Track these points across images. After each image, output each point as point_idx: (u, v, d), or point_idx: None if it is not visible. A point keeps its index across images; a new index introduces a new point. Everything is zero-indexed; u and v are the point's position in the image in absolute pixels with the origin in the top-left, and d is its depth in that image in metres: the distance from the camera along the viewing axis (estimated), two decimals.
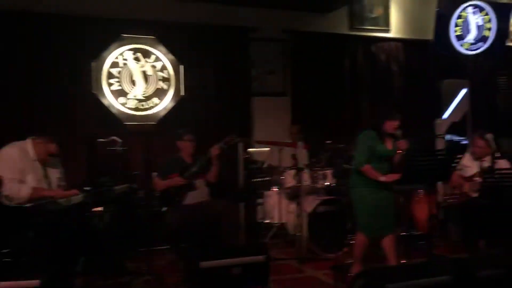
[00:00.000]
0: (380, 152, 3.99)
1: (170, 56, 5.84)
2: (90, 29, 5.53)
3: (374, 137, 4.00)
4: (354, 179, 4.15)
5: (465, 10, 7.04)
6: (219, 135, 5.86)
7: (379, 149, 3.98)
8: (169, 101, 5.86)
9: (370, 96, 6.74)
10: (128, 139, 5.43)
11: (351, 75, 6.68)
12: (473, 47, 7.16)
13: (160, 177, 4.79)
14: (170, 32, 5.88)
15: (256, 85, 6.35)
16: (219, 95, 6.07)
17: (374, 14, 6.89)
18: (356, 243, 4.18)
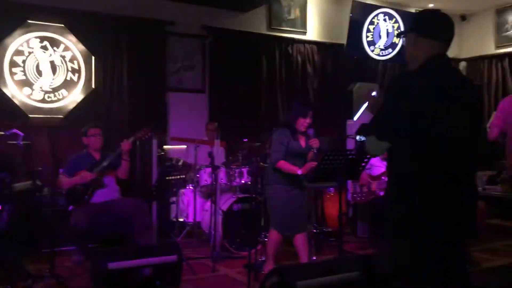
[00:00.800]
0: (294, 149, 4.05)
1: (80, 46, 5.53)
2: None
3: (288, 135, 4.05)
4: (269, 177, 4.19)
5: (377, 17, 7.40)
6: (132, 130, 5.68)
7: (292, 146, 4.05)
8: (79, 93, 5.55)
9: (286, 96, 6.85)
10: (33, 133, 5.09)
11: (268, 75, 6.74)
12: (383, 53, 7.54)
13: (66, 174, 4.52)
14: (81, 21, 5.58)
15: (173, 80, 6.21)
16: (133, 89, 5.85)
17: (292, 16, 7.01)
18: (269, 241, 4.21)
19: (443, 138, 1.98)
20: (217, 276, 4.33)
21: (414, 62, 2.12)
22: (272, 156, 4.08)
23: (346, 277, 3.32)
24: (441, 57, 2.10)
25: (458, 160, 2.01)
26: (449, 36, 2.13)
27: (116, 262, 3.54)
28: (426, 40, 2.09)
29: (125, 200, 4.66)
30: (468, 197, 2.05)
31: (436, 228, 1.98)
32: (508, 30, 7.77)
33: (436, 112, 1.97)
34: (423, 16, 2.25)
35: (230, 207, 5.04)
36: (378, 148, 2.05)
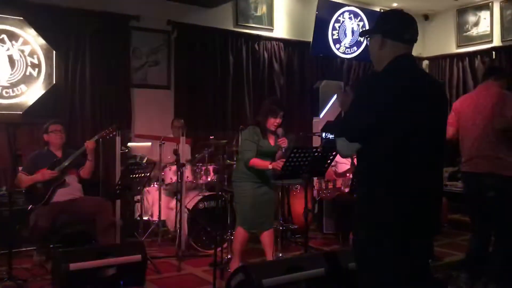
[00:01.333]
0: (263, 148, 4.05)
1: (40, 40, 5.35)
2: None
3: (258, 133, 4.05)
4: (237, 174, 4.18)
5: (342, 15, 7.47)
6: (95, 127, 5.56)
7: (263, 144, 4.05)
8: (39, 89, 5.36)
9: (253, 93, 6.84)
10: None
11: (235, 71, 6.71)
12: (348, 51, 7.62)
13: (26, 172, 4.38)
14: (41, 15, 5.38)
15: (138, 76, 6.10)
16: (96, 85, 5.71)
17: (259, 13, 7.00)
18: (236, 238, 4.20)
19: (410, 136, 2.00)
20: (183, 275, 4.29)
21: (380, 63, 2.14)
22: (243, 155, 4.06)
23: (311, 273, 3.35)
24: (407, 57, 2.13)
25: (425, 158, 2.04)
26: (414, 37, 2.16)
27: (78, 263, 3.47)
28: (391, 42, 2.11)
29: (88, 199, 4.57)
30: (434, 193, 2.09)
31: (403, 223, 2.01)
32: (468, 30, 7.99)
33: (403, 111, 1.99)
34: (388, 17, 2.26)
35: (196, 205, 5.00)
36: (349, 149, 2.08)
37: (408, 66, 2.12)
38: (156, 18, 6.16)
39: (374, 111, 1.97)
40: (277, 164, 3.93)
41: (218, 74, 6.57)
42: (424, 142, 2.03)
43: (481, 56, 7.76)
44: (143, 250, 3.77)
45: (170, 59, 6.31)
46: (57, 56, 5.45)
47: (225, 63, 6.63)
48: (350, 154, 2.13)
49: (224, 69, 6.62)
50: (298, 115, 7.19)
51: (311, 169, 3.89)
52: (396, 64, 2.08)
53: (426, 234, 2.12)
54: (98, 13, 5.71)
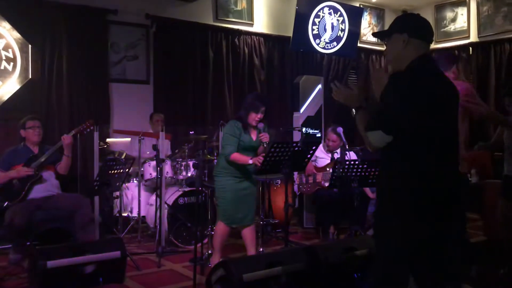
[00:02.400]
0: (245, 143, 4.05)
1: (15, 33, 5.23)
2: None
3: (239, 127, 4.04)
4: (218, 169, 4.16)
5: (322, 11, 7.48)
6: (72, 122, 5.48)
7: (244, 139, 4.04)
8: (14, 83, 5.25)
9: (233, 88, 6.81)
10: None
11: (215, 66, 6.67)
12: (328, 46, 7.65)
13: (1, 168, 4.29)
14: (16, 7, 5.25)
15: (116, 71, 6.02)
16: (73, 79, 5.61)
17: (239, 7, 6.97)
18: (216, 233, 4.19)
19: (441, 131, 2.17)
20: (163, 271, 4.26)
21: (401, 62, 2.24)
22: (225, 149, 4.05)
23: (291, 268, 3.36)
24: (429, 57, 2.29)
25: (449, 152, 2.22)
26: (432, 38, 2.34)
27: (56, 260, 3.42)
28: (416, 41, 2.24)
29: (66, 195, 4.50)
30: (455, 183, 2.23)
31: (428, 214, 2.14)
32: (446, 26, 8.10)
33: (434, 107, 2.13)
34: (413, 18, 2.40)
35: (175, 201, 4.97)
36: (383, 141, 2.16)
37: (432, 65, 2.28)
38: (134, 12, 6.07)
39: (409, 107, 2.09)
40: (258, 159, 3.93)
41: (198, 68, 6.52)
42: (449, 136, 2.21)
43: (459, 52, 7.87)
44: (123, 246, 3.74)
45: (149, 53, 6.24)
46: (33, 50, 5.34)
47: (205, 57, 6.58)
48: (381, 146, 2.20)
49: (204, 63, 6.57)
50: (278, 110, 7.18)
51: (291, 164, 3.90)
52: (423, 62, 2.21)
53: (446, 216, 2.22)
54: (75, 6, 5.61)
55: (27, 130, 4.42)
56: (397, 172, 2.19)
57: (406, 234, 2.14)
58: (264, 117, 4.09)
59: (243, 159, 3.99)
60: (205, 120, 6.49)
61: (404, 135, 2.13)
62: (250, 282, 3.16)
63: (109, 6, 5.85)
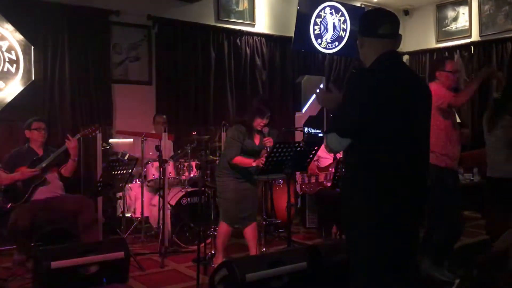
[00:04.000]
0: (248, 147, 4.06)
1: (18, 35, 5.25)
2: None
3: (243, 132, 4.05)
4: (220, 169, 4.18)
5: (324, 10, 7.49)
6: (75, 123, 5.50)
7: (247, 144, 4.05)
8: (17, 85, 5.28)
9: (235, 89, 6.83)
10: None
11: (217, 66, 6.68)
12: (330, 46, 7.66)
13: (5, 169, 4.31)
14: (19, 9, 5.28)
15: (118, 72, 6.04)
16: (75, 81, 5.63)
17: (240, 8, 6.98)
18: (219, 233, 4.21)
19: (396, 132, 2.06)
20: (166, 272, 4.28)
21: (366, 62, 2.20)
22: (227, 154, 4.07)
23: (294, 267, 3.38)
24: (390, 54, 2.17)
25: (413, 151, 2.12)
26: (391, 31, 2.18)
27: (60, 261, 3.45)
28: (368, 39, 2.19)
29: (69, 196, 4.53)
30: (421, 185, 2.17)
31: (391, 214, 2.07)
32: (447, 25, 8.09)
33: (387, 109, 2.04)
34: (364, 17, 2.31)
35: (178, 201, 4.99)
36: (339, 144, 2.13)
37: (391, 62, 2.16)
38: (136, 13, 6.09)
39: (361, 109, 2.03)
40: (261, 161, 3.95)
41: (200, 69, 6.54)
42: (412, 135, 2.10)
43: (460, 51, 7.87)
44: (126, 247, 3.77)
45: (151, 54, 6.26)
46: (35, 52, 5.37)
47: (207, 58, 6.60)
48: (341, 149, 2.16)
49: (206, 64, 6.59)
50: (280, 110, 7.20)
51: (293, 164, 3.92)
52: (380, 61, 2.13)
53: (411, 224, 2.17)
54: (77, 7, 5.63)
55: (32, 131, 4.44)
56: (356, 178, 2.12)
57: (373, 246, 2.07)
58: (269, 122, 4.10)
59: (245, 161, 4.01)
60: (207, 121, 6.50)
61: (360, 138, 2.06)
62: (253, 282, 3.18)
63: (111, 7, 5.87)
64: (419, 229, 2.29)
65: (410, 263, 2.21)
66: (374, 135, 2.04)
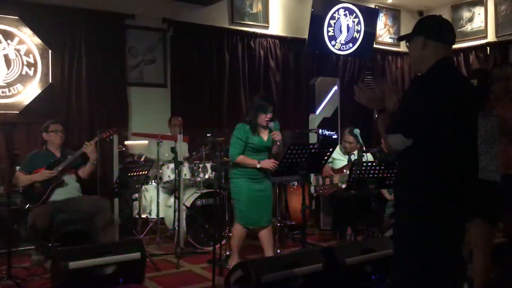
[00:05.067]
0: (254, 144, 4.05)
1: (36, 39, 5.34)
2: None
3: (247, 130, 4.05)
4: (233, 171, 4.19)
5: (337, 12, 7.48)
6: (91, 126, 5.57)
7: (253, 142, 4.05)
8: (35, 88, 5.37)
9: (249, 90, 6.85)
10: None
11: (231, 69, 6.72)
12: (343, 48, 7.64)
13: (24, 171, 4.38)
14: (36, 14, 5.37)
15: (134, 74, 6.10)
16: (92, 83, 5.70)
17: (254, 10, 7.01)
18: (233, 234, 4.22)
19: (460, 132, 2.14)
20: (182, 272, 4.31)
21: (421, 64, 2.24)
22: (230, 152, 4.09)
23: (310, 269, 3.38)
24: (450, 60, 2.27)
25: (472, 155, 2.22)
26: (453, 39, 2.29)
27: (78, 261, 3.48)
28: (434, 43, 2.22)
29: (86, 198, 4.58)
30: (474, 185, 2.24)
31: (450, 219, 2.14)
32: (463, 26, 8.02)
33: (455, 112, 2.11)
34: (432, 20, 2.38)
35: (193, 203, 5.02)
36: (403, 144, 2.16)
37: (454, 68, 2.27)
38: (152, 16, 6.15)
39: (431, 111, 2.08)
40: (267, 164, 3.95)
41: (214, 71, 6.58)
42: (467, 141, 2.19)
43: (476, 52, 7.80)
44: (142, 247, 3.79)
45: (166, 57, 6.31)
46: (53, 55, 5.45)
47: (221, 60, 6.64)
48: (402, 148, 2.20)
49: (220, 66, 6.63)
50: (294, 112, 7.21)
51: (308, 166, 3.92)
52: (443, 65, 2.19)
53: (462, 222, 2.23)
54: (93, 11, 5.71)
55: (49, 133, 4.51)
56: (416, 176, 2.17)
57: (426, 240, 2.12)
58: (273, 115, 4.09)
59: (249, 162, 4.01)
60: (221, 122, 6.53)
61: (424, 139, 2.12)
62: (268, 283, 3.19)
63: (127, 11, 5.95)
64: None
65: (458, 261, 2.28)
66: (437, 136, 2.10)
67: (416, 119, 2.11)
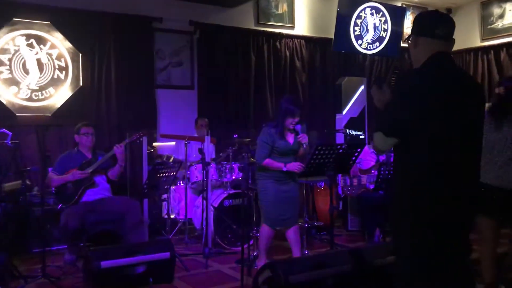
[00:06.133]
0: (281, 148, 4.06)
1: (67, 43, 5.48)
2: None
3: (272, 134, 4.06)
4: (259, 172, 4.20)
5: (364, 11, 7.42)
6: (120, 127, 5.68)
7: (279, 145, 4.05)
8: (66, 91, 5.51)
9: (275, 91, 6.86)
10: (21, 132, 5.06)
11: (257, 70, 6.74)
12: (370, 47, 7.58)
13: (56, 172, 4.49)
14: (67, 19, 5.52)
15: (162, 77, 6.19)
16: (121, 86, 5.82)
17: (280, 11, 7.02)
18: (261, 235, 4.23)
19: (444, 134, 2.03)
20: (210, 272, 4.34)
21: (417, 62, 2.18)
22: (256, 156, 4.10)
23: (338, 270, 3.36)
24: (443, 54, 2.14)
25: (459, 154, 2.06)
26: (447, 33, 2.16)
27: (109, 261, 3.54)
28: (423, 38, 2.15)
29: (116, 198, 4.65)
30: (472, 185, 2.12)
31: (438, 221, 2.04)
32: (493, 23, 7.85)
33: (440, 108, 2.02)
34: (421, 17, 2.28)
35: (221, 203, 5.05)
36: (385, 144, 2.13)
37: (443, 63, 2.13)
38: (179, 19, 6.23)
39: (409, 108, 2.02)
40: (293, 166, 3.94)
41: (240, 73, 6.62)
42: (458, 139, 2.06)
43: (507, 49, 7.62)
44: (172, 247, 3.83)
45: (193, 59, 6.39)
46: (83, 59, 5.58)
47: (247, 61, 6.67)
48: (386, 149, 2.17)
49: (246, 67, 6.66)
50: (320, 112, 7.19)
51: (335, 166, 3.90)
52: (431, 61, 2.11)
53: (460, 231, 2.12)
54: (122, 15, 5.82)
55: (81, 136, 4.60)
56: (404, 178, 2.10)
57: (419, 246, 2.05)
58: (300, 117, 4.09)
59: (275, 165, 4.01)
60: (248, 123, 6.56)
61: (406, 138, 2.04)
62: (297, 283, 3.18)
63: (155, 15, 6.04)
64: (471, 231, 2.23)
65: (460, 265, 2.16)
66: (421, 135, 2.03)
67: (393, 116, 2.06)
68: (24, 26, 5.28)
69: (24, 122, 5.29)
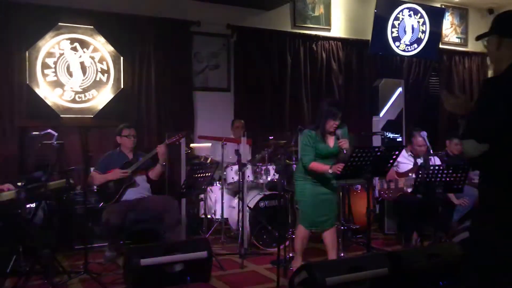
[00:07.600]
0: (321, 151, 4.06)
1: (109, 47, 5.65)
2: (25, 16, 5.26)
3: (314, 137, 4.06)
4: (298, 173, 4.21)
5: (402, 13, 7.33)
6: (160, 129, 5.81)
7: (320, 148, 4.05)
8: (108, 93, 5.68)
9: (311, 93, 6.86)
10: (65, 132, 5.24)
11: (293, 72, 6.76)
12: (408, 48, 7.48)
13: (99, 170, 4.64)
14: (109, 23, 5.69)
15: (199, 79, 6.30)
16: (160, 88, 5.96)
17: (316, 13, 7.02)
18: (297, 236, 4.24)
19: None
20: (246, 272, 4.38)
21: (499, 63, 2.13)
22: (303, 160, 4.09)
23: (374, 273, 3.34)
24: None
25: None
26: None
27: (148, 259, 3.63)
28: (510, 41, 2.10)
29: (155, 197, 4.76)
30: None
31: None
32: None
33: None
34: (505, 17, 2.22)
35: (256, 204, 5.09)
36: (476, 150, 2.08)
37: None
38: (216, 23, 6.33)
39: (503, 114, 1.99)
40: (337, 168, 3.93)
41: (276, 75, 6.65)
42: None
43: None
44: (209, 247, 3.88)
45: (229, 62, 6.47)
46: (124, 62, 5.74)
47: (283, 64, 6.70)
48: (477, 154, 2.10)
49: (282, 70, 6.69)
50: (357, 114, 7.14)
51: (372, 169, 3.87)
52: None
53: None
54: (161, 19, 5.96)
55: (122, 137, 4.74)
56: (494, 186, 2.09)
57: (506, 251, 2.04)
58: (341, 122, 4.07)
59: (322, 168, 4.00)
60: (283, 125, 6.59)
61: (500, 144, 2.01)
62: (333, 285, 3.18)
63: (193, 18, 6.15)
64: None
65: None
66: None
67: (488, 122, 2.01)
68: (69, 30, 5.48)
69: (68, 123, 5.48)
